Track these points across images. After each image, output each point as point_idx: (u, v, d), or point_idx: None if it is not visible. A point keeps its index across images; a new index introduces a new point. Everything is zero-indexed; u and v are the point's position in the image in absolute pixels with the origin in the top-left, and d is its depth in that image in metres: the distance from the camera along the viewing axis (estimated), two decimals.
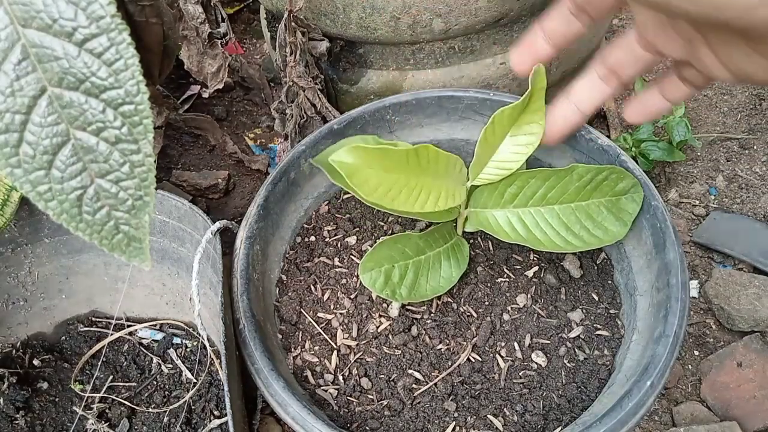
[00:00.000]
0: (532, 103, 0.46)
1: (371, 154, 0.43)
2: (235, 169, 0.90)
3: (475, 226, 0.51)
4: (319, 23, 0.67)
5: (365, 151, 0.43)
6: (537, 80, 0.45)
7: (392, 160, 0.44)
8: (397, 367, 0.50)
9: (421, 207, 0.45)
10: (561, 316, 0.52)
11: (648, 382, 0.41)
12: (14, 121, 0.28)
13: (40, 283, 0.62)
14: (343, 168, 0.42)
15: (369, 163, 0.43)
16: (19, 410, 0.58)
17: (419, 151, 0.44)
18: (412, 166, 0.45)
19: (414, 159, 0.44)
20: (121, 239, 0.31)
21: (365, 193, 0.43)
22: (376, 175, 0.43)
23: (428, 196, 0.46)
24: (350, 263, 0.57)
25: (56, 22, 0.27)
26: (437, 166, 0.46)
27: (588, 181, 0.48)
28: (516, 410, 0.47)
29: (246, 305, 0.48)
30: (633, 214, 0.49)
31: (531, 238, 0.48)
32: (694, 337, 0.69)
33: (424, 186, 0.45)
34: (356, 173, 0.43)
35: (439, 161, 0.46)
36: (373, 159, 0.43)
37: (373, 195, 0.43)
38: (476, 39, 0.68)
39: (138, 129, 0.29)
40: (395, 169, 0.44)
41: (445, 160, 0.46)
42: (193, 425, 0.57)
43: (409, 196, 0.45)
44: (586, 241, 0.48)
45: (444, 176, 0.47)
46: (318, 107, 0.70)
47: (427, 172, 0.46)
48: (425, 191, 0.45)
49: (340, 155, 0.43)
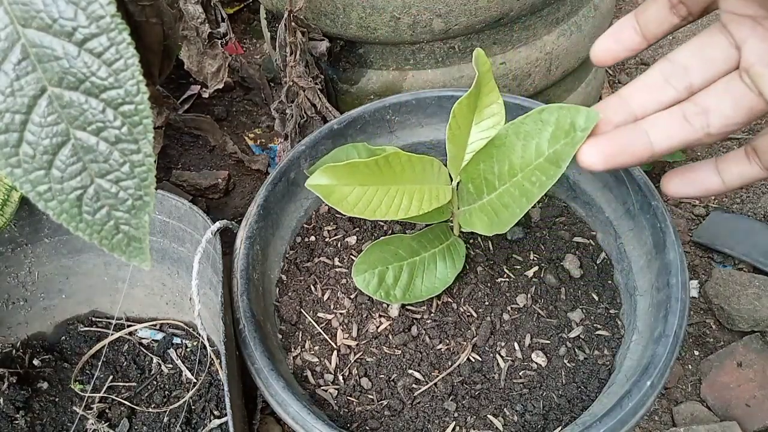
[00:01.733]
0: (483, 86, 0.45)
1: (342, 171, 0.43)
2: (235, 169, 0.90)
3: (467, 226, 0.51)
4: (319, 23, 0.67)
5: (336, 169, 0.43)
6: (480, 63, 0.45)
7: (364, 173, 0.44)
8: (397, 367, 0.50)
9: (405, 213, 0.45)
10: (561, 316, 0.52)
11: (648, 382, 0.41)
12: (14, 121, 0.28)
13: (40, 283, 0.62)
14: (319, 190, 0.43)
15: (343, 180, 0.43)
16: (19, 410, 0.58)
17: (390, 159, 0.45)
18: (387, 175, 0.45)
19: (386, 167, 0.45)
20: (121, 239, 0.31)
21: (345, 209, 0.43)
22: (353, 191, 0.44)
23: (410, 200, 0.45)
24: (350, 263, 0.56)
25: (56, 21, 0.27)
26: (413, 170, 0.46)
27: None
28: (516, 410, 0.47)
29: (246, 305, 0.48)
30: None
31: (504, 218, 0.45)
32: (694, 337, 0.69)
33: (405, 192, 0.46)
34: (333, 193, 0.43)
35: (414, 165, 0.46)
36: (344, 175, 0.43)
37: (353, 210, 0.43)
38: (476, 39, 0.68)
39: (138, 129, 0.29)
40: (370, 181, 0.44)
41: (420, 163, 0.46)
42: (193, 425, 0.57)
43: (390, 205, 0.45)
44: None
45: (423, 179, 0.47)
46: (318, 107, 0.70)
47: (403, 178, 0.46)
48: (407, 197, 0.45)
49: (314, 179, 0.43)
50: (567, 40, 0.73)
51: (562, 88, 0.80)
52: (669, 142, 0.35)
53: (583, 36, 0.75)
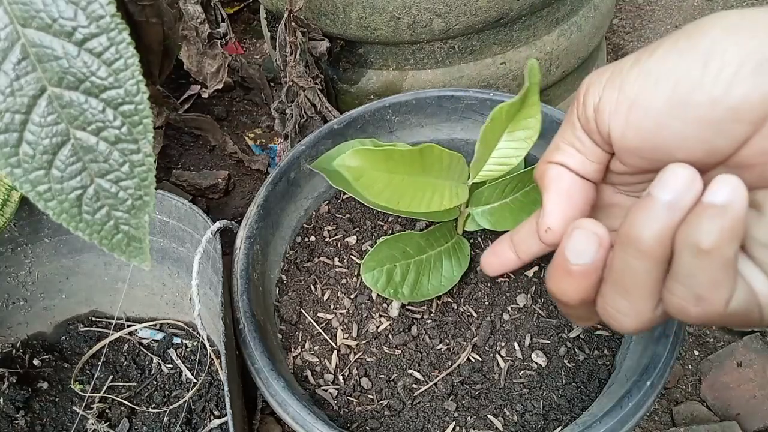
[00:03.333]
0: (527, 98, 0.45)
1: (376, 156, 0.43)
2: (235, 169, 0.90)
3: (476, 224, 0.51)
4: (319, 23, 0.67)
5: (370, 153, 0.43)
6: (532, 75, 0.45)
7: (396, 162, 0.44)
8: (397, 367, 0.50)
9: (427, 207, 0.45)
10: (561, 316, 0.52)
11: (648, 382, 0.41)
12: (14, 121, 0.28)
13: (40, 283, 0.62)
14: (349, 171, 0.42)
15: (374, 165, 0.43)
16: (19, 410, 0.58)
17: (423, 151, 0.44)
18: (416, 167, 0.45)
19: (418, 159, 0.44)
20: (121, 239, 0.31)
21: (372, 195, 0.43)
22: (381, 178, 0.43)
23: (433, 195, 0.45)
24: (350, 263, 0.56)
25: (56, 21, 0.27)
26: (441, 165, 0.46)
27: None
28: (516, 410, 0.47)
29: (246, 305, 0.48)
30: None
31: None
32: (694, 337, 0.69)
33: (428, 186, 0.45)
34: (362, 176, 0.43)
35: (443, 160, 0.46)
36: (377, 161, 0.43)
37: (380, 197, 0.43)
38: (476, 39, 0.68)
39: (138, 129, 0.29)
40: (400, 170, 0.44)
41: (449, 158, 0.46)
42: (193, 425, 0.57)
43: (414, 197, 0.45)
44: None
45: (447, 175, 0.47)
46: (318, 107, 0.70)
47: (430, 172, 0.46)
48: (429, 191, 0.45)
49: (344, 159, 0.42)
50: (567, 40, 0.73)
51: (562, 88, 0.81)
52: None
53: (583, 36, 0.75)
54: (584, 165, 0.32)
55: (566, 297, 0.30)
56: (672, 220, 0.25)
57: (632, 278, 0.27)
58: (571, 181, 0.32)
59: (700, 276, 0.25)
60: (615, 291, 0.29)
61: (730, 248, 0.24)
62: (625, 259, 0.27)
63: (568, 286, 0.30)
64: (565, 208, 0.32)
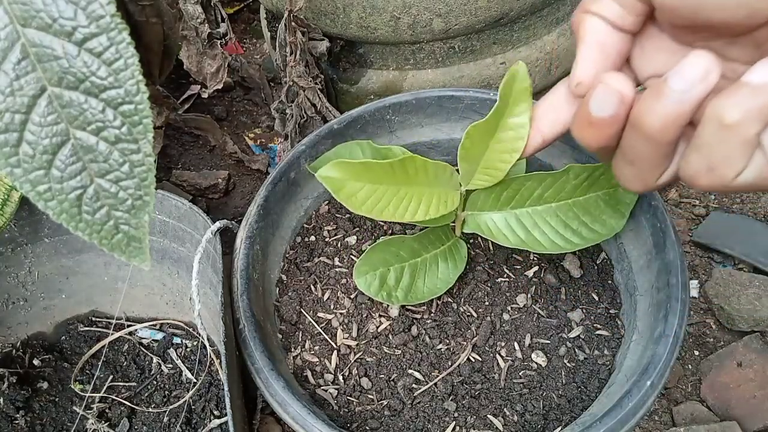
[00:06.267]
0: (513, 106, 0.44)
1: (356, 168, 0.43)
2: (235, 169, 0.90)
3: (472, 229, 0.51)
4: (319, 23, 0.67)
5: (350, 165, 0.43)
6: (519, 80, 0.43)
7: (377, 173, 0.44)
8: (397, 367, 0.50)
9: (411, 216, 0.45)
10: (561, 316, 0.52)
11: (648, 382, 0.41)
12: (14, 121, 0.28)
13: (40, 283, 0.62)
14: (329, 183, 0.43)
15: (355, 176, 0.43)
16: (19, 410, 0.58)
17: (405, 163, 0.44)
18: (399, 177, 0.45)
19: (400, 170, 0.45)
20: (121, 239, 0.31)
21: (353, 206, 0.43)
22: (363, 188, 0.44)
23: (419, 204, 0.46)
24: (350, 263, 0.56)
25: (56, 21, 0.27)
26: (426, 174, 0.46)
27: (585, 178, 0.48)
28: (516, 410, 0.47)
29: (246, 305, 0.48)
30: (630, 204, 0.48)
31: (530, 240, 0.48)
32: (694, 337, 0.69)
33: (414, 194, 0.46)
34: (343, 187, 0.43)
35: (428, 170, 0.46)
36: (359, 172, 0.43)
37: (361, 208, 0.43)
38: (476, 39, 0.68)
39: (138, 128, 0.29)
40: (382, 180, 0.44)
41: (434, 168, 0.46)
42: (193, 425, 0.57)
43: (398, 207, 0.45)
44: (585, 237, 0.48)
45: (434, 183, 0.47)
46: (318, 107, 0.70)
47: (415, 181, 0.46)
48: (416, 200, 0.46)
49: (325, 170, 0.43)
50: (567, 40, 0.73)
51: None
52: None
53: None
54: (621, 16, 0.32)
55: (586, 142, 0.32)
56: (680, 110, 0.26)
57: (637, 155, 0.29)
58: (606, 33, 0.32)
59: (716, 149, 0.26)
60: (623, 158, 0.31)
61: (753, 127, 0.24)
62: (632, 136, 0.29)
63: (588, 134, 0.32)
64: (596, 61, 0.33)
